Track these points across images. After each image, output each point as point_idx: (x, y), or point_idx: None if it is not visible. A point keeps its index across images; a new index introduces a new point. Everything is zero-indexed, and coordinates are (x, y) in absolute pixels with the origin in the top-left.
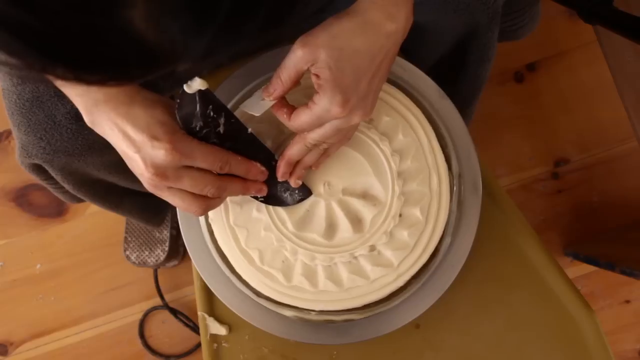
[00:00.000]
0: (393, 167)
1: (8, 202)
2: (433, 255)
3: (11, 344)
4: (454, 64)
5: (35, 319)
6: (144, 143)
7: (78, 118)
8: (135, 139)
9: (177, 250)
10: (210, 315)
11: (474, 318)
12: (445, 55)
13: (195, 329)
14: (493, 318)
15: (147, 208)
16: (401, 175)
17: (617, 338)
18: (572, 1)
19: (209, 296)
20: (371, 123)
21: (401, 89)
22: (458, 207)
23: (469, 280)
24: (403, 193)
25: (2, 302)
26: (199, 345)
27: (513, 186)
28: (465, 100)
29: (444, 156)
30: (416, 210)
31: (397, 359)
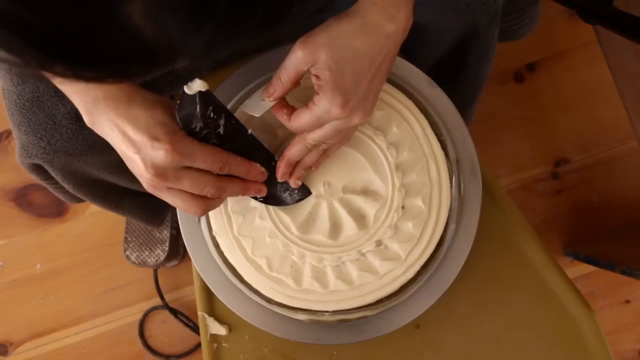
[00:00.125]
0: (390, 160)
1: (8, 202)
2: (439, 243)
3: (11, 344)
4: (454, 64)
5: (35, 319)
6: (144, 144)
7: (78, 118)
8: (135, 140)
9: (177, 250)
10: (210, 315)
11: (474, 318)
12: (445, 55)
13: (195, 329)
14: (493, 318)
15: (147, 208)
16: (399, 167)
17: (617, 338)
18: (572, 1)
19: (209, 296)
20: None
21: (390, 82)
22: (459, 193)
23: (469, 280)
24: (403, 185)
25: (2, 302)
26: (199, 345)
27: (513, 186)
28: (465, 100)
29: (440, 144)
30: (418, 200)
31: (397, 359)
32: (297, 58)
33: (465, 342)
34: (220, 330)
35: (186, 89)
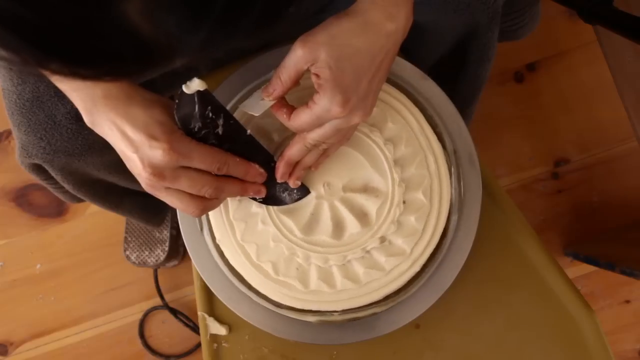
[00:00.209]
0: (388, 156)
1: (8, 202)
2: (443, 236)
3: (11, 344)
4: (454, 64)
5: (35, 319)
6: (142, 143)
7: (78, 118)
8: (133, 139)
9: (177, 250)
10: (210, 315)
11: (474, 318)
12: (445, 55)
13: (195, 329)
14: (493, 318)
15: (147, 208)
16: (398, 162)
17: (617, 338)
18: (572, 1)
19: (209, 296)
20: None
21: None
22: (459, 183)
23: (469, 280)
24: (403, 179)
25: (2, 302)
26: (199, 345)
27: (513, 186)
28: (465, 100)
29: (436, 135)
30: (419, 194)
31: (397, 359)
32: (297, 57)
33: (465, 342)
34: (220, 330)
35: (185, 89)
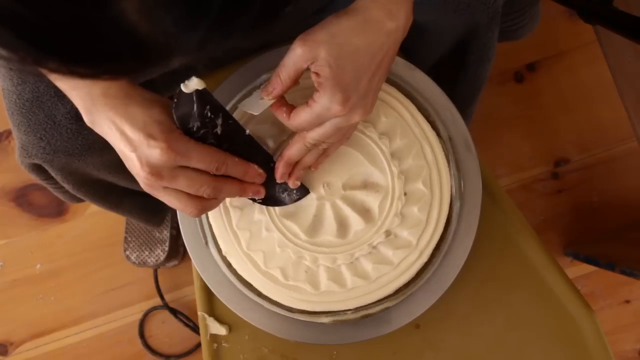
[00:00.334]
0: (384, 150)
1: (8, 202)
2: (447, 224)
3: (11, 344)
4: (454, 64)
5: (35, 319)
6: (140, 142)
7: (78, 118)
8: (132, 138)
9: (177, 250)
10: (210, 315)
11: (474, 318)
12: (445, 55)
13: (195, 329)
14: (493, 318)
15: (147, 208)
16: (395, 155)
17: (617, 338)
18: (572, 1)
19: (209, 296)
20: None
21: None
22: (457, 170)
23: (469, 280)
24: (402, 172)
25: (2, 302)
26: (199, 345)
27: (513, 186)
28: (465, 100)
29: (430, 124)
30: (419, 184)
31: (397, 359)
32: (297, 55)
33: (465, 342)
34: (220, 330)
35: (183, 87)
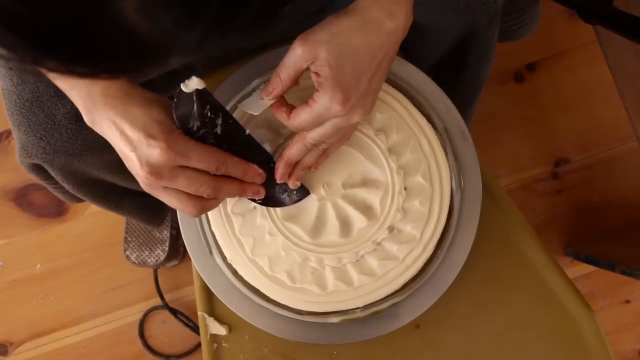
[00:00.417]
0: (381, 146)
1: (8, 202)
2: (449, 215)
3: (11, 344)
4: (454, 64)
5: (35, 319)
6: (140, 142)
7: (78, 118)
8: (132, 138)
9: (177, 250)
10: (210, 315)
11: (474, 318)
12: (445, 55)
13: (195, 329)
14: (493, 318)
15: (147, 208)
16: (392, 150)
17: (617, 338)
18: (572, 1)
19: (209, 296)
20: None
21: None
22: (455, 160)
23: (469, 280)
24: (400, 167)
25: (2, 302)
26: (199, 345)
27: (513, 186)
28: (465, 100)
29: (425, 117)
30: (418, 178)
31: (397, 359)
32: (297, 55)
33: (465, 342)
34: (220, 330)
35: (183, 87)
